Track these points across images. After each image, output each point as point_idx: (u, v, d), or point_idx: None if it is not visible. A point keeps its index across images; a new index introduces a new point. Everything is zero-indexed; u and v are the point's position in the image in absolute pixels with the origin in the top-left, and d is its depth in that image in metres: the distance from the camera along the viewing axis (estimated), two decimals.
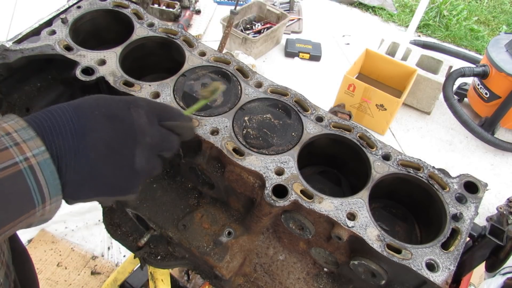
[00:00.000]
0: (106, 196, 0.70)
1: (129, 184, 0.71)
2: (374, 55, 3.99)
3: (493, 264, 0.89)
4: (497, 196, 3.49)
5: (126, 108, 0.70)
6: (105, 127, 0.66)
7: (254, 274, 1.11)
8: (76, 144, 0.63)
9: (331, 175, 1.14)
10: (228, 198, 1.11)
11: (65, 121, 0.63)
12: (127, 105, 0.71)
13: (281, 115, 1.05)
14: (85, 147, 0.64)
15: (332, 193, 0.92)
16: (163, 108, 0.79)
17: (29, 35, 1.16)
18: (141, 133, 0.70)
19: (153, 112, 0.74)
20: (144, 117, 0.71)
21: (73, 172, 0.63)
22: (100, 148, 0.65)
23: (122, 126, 0.68)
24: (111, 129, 0.67)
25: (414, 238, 1.03)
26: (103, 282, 2.46)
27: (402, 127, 4.03)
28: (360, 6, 5.66)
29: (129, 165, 0.69)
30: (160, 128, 0.75)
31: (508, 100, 3.57)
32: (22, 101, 1.13)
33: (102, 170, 0.66)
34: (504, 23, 5.72)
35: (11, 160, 0.56)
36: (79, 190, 0.66)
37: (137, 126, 0.70)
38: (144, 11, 1.22)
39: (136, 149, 0.69)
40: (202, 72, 1.12)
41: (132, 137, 0.69)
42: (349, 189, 1.11)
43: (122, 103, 0.71)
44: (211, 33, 4.78)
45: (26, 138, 0.59)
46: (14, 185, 0.57)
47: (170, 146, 0.77)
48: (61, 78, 1.17)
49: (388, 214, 1.05)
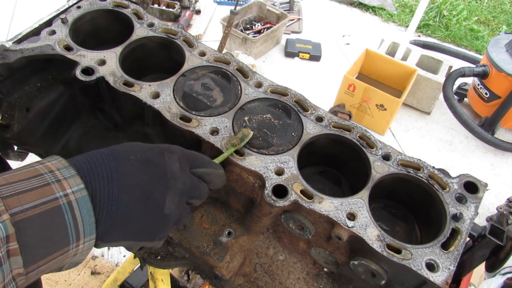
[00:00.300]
0: (135, 240, 0.70)
1: (158, 229, 0.72)
2: (374, 55, 3.99)
3: (493, 264, 0.89)
4: (497, 196, 3.49)
5: (160, 154, 0.73)
6: (139, 171, 0.69)
7: (254, 274, 1.11)
8: (111, 186, 0.65)
9: (331, 175, 1.14)
10: (228, 198, 1.11)
11: (102, 164, 0.66)
12: (161, 151, 0.74)
13: (281, 115, 1.05)
14: (119, 190, 0.66)
15: (332, 193, 0.92)
16: (195, 156, 0.81)
17: (29, 35, 1.16)
18: (173, 179, 0.72)
19: (185, 159, 0.76)
20: (176, 163, 0.73)
21: (106, 213, 0.65)
22: (133, 191, 0.67)
23: (155, 170, 0.70)
24: (145, 173, 0.69)
25: (414, 238, 1.03)
26: (103, 282, 2.46)
27: (402, 127, 4.03)
28: (360, 6, 5.66)
29: (160, 210, 0.70)
30: (191, 176, 0.77)
31: (508, 100, 3.57)
32: (22, 101, 1.13)
33: (133, 213, 0.67)
34: (504, 23, 5.72)
35: (52, 196, 0.59)
36: (110, 232, 0.67)
37: (170, 171, 0.72)
38: (144, 11, 1.22)
39: (167, 194, 0.71)
40: (202, 72, 1.12)
41: (165, 181, 0.71)
42: (349, 189, 1.11)
43: (156, 149, 0.74)
44: (211, 33, 4.78)
45: (67, 176, 0.62)
46: (52, 220, 0.58)
47: (199, 193, 0.79)
48: (61, 78, 1.17)
49: (388, 214, 1.05)
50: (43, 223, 0.58)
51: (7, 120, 1.12)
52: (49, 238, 0.59)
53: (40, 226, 0.57)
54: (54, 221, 0.59)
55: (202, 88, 1.08)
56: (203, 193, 0.80)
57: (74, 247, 0.62)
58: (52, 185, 0.60)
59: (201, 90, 1.08)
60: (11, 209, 0.55)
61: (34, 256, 0.57)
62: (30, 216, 0.56)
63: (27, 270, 0.57)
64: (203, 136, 0.97)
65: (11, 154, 1.20)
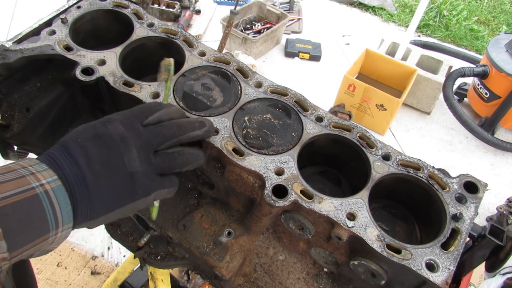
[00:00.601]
0: (118, 207, 0.74)
1: (132, 188, 0.74)
2: (374, 55, 3.99)
3: (493, 264, 0.89)
4: (497, 196, 3.49)
5: (102, 126, 0.76)
6: (90, 148, 0.72)
7: (254, 274, 1.11)
8: (74, 172, 0.69)
9: (331, 175, 1.14)
10: (228, 198, 1.11)
11: (59, 156, 0.71)
12: (102, 123, 0.76)
13: (281, 115, 1.05)
14: (82, 171, 0.70)
15: (332, 193, 0.92)
16: (140, 110, 0.81)
17: (29, 35, 1.16)
18: (122, 140, 0.74)
19: (128, 118, 0.78)
20: (120, 126, 0.76)
21: (80, 197, 0.69)
22: (94, 167, 0.71)
23: (102, 141, 0.74)
24: (95, 148, 0.73)
25: (414, 238, 1.03)
26: (103, 282, 2.47)
27: (402, 127, 4.03)
28: (360, 6, 5.66)
29: (123, 171, 0.73)
30: (145, 128, 0.78)
31: (508, 100, 3.58)
32: (22, 101, 1.13)
33: (102, 185, 0.71)
34: (504, 23, 5.72)
35: (28, 185, 0.63)
36: (91, 210, 0.71)
37: (116, 135, 0.74)
38: (144, 11, 1.22)
39: (124, 155, 0.74)
40: (202, 72, 1.12)
41: (115, 146, 0.74)
42: (349, 189, 1.11)
43: (98, 123, 0.77)
44: (211, 33, 4.78)
45: (39, 170, 0.67)
46: (31, 207, 0.62)
47: (162, 137, 0.78)
48: (61, 78, 1.17)
49: (388, 214, 1.05)
50: (23, 209, 0.61)
51: (7, 120, 1.12)
52: (30, 224, 0.62)
53: (21, 212, 0.61)
54: (33, 208, 0.62)
55: (202, 88, 1.08)
56: (166, 133, 0.79)
57: (53, 235, 0.66)
58: (27, 177, 0.64)
59: (201, 90, 1.08)
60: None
61: (17, 242, 0.60)
62: (11, 203, 0.60)
63: (11, 255, 0.60)
64: None
65: (11, 154, 1.20)
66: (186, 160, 0.82)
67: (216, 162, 1.02)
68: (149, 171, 0.76)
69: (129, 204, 0.75)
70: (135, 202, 0.75)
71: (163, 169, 0.79)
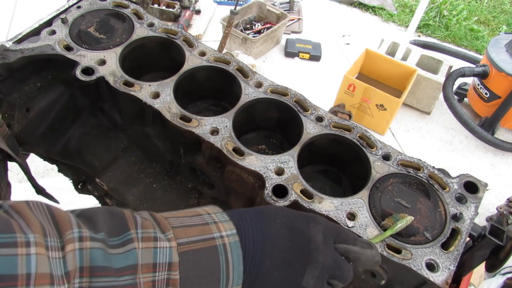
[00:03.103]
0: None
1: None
2: (374, 55, 3.99)
3: (493, 264, 0.89)
4: (497, 196, 3.49)
5: (305, 222, 0.69)
6: (283, 237, 0.66)
7: None
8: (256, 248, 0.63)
9: (331, 174, 1.14)
10: (228, 198, 1.11)
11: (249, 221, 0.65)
12: (306, 219, 0.70)
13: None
14: (263, 253, 0.64)
15: (333, 192, 0.92)
16: (341, 230, 0.74)
17: (29, 35, 1.16)
18: (315, 250, 0.67)
19: (330, 231, 0.71)
20: (320, 234, 0.69)
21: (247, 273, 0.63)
22: (275, 257, 0.65)
23: (299, 238, 0.67)
24: (289, 240, 0.66)
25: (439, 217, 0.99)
26: None
27: (402, 127, 4.03)
28: (360, 6, 5.66)
29: (298, 281, 0.66)
30: (334, 251, 0.70)
31: (508, 100, 3.57)
32: (22, 101, 1.13)
33: (272, 279, 0.64)
34: (504, 23, 5.72)
35: (210, 234, 0.60)
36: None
37: (313, 241, 0.67)
38: (144, 11, 1.22)
39: (308, 266, 0.66)
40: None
41: (307, 251, 0.66)
42: (350, 187, 1.11)
43: (301, 217, 0.71)
44: (211, 33, 4.77)
45: (222, 219, 0.63)
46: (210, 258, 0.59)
47: (342, 274, 0.70)
48: (61, 78, 1.17)
49: (409, 189, 0.99)
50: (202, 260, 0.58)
51: (7, 120, 1.12)
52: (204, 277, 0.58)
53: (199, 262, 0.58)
54: (211, 260, 0.59)
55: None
56: (346, 274, 0.70)
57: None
58: (210, 225, 0.61)
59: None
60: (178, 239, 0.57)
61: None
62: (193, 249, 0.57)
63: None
64: (203, 136, 0.97)
65: (20, 153, 1.20)
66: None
67: (216, 162, 1.02)
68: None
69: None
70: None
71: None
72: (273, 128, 1.18)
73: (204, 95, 1.23)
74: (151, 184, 1.21)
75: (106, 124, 1.28)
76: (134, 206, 1.17)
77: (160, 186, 1.21)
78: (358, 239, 0.74)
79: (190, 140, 1.02)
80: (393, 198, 0.91)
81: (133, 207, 1.18)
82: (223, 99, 1.23)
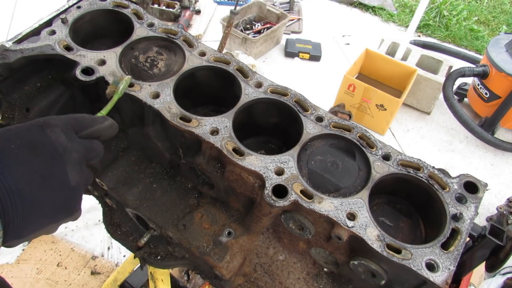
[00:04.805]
0: (52, 223, 0.69)
1: (71, 203, 0.71)
2: (374, 55, 3.99)
3: (493, 264, 0.89)
4: (497, 196, 3.49)
5: (41, 131, 0.69)
6: (29, 157, 0.65)
7: (254, 274, 1.11)
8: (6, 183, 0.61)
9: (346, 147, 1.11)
10: (228, 198, 1.11)
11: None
12: (41, 128, 0.70)
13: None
14: (17, 183, 0.62)
15: (347, 166, 0.91)
16: (76, 119, 0.78)
17: (29, 35, 1.16)
18: (65, 151, 0.70)
19: (68, 127, 0.74)
20: (62, 134, 0.71)
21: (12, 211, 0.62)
22: (33, 179, 0.64)
23: (44, 150, 0.68)
24: (36, 156, 0.66)
25: (419, 234, 1.02)
26: (103, 282, 2.46)
27: (402, 127, 4.03)
28: (360, 6, 5.66)
29: (66, 185, 0.69)
30: (80, 141, 0.75)
31: (508, 100, 3.57)
32: (22, 101, 1.13)
33: (42, 199, 0.65)
34: (504, 23, 5.72)
35: None
36: (25, 226, 0.64)
37: (59, 145, 0.69)
38: (144, 11, 1.22)
39: (67, 168, 0.69)
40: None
41: (58, 157, 0.69)
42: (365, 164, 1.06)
43: (34, 128, 0.70)
44: (211, 33, 4.78)
45: None
46: None
47: (95, 154, 0.79)
48: (61, 78, 1.17)
49: (392, 209, 1.04)
50: None
51: (7, 120, 1.12)
52: None
53: None
54: None
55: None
56: (98, 150, 0.80)
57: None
58: None
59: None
60: None
61: None
62: None
63: None
64: (203, 136, 0.97)
65: None
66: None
67: (216, 162, 1.02)
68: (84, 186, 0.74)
69: (64, 220, 0.71)
70: (70, 217, 0.72)
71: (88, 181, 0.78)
72: (272, 130, 1.18)
73: (204, 97, 1.23)
74: (151, 184, 1.21)
75: None
76: (134, 206, 1.17)
77: (160, 186, 1.21)
78: (94, 118, 0.82)
79: (190, 140, 1.02)
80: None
81: (133, 207, 1.18)
82: (223, 103, 1.23)
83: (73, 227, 2.83)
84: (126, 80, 0.99)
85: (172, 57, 1.12)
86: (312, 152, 0.98)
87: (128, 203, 1.18)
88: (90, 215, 2.86)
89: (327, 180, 0.93)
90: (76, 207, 0.73)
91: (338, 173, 0.95)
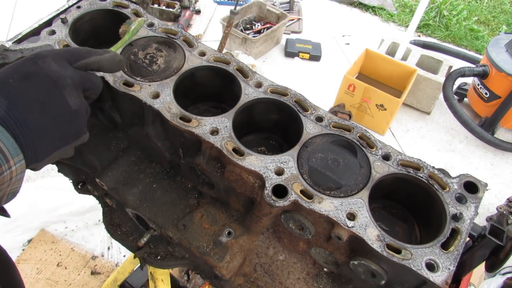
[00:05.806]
0: (64, 145, 0.75)
1: (76, 126, 0.76)
2: (374, 55, 3.99)
3: (493, 264, 0.89)
4: (497, 196, 3.49)
5: (34, 63, 0.73)
6: (26, 88, 0.70)
7: (254, 274, 1.11)
8: (12, 114, 0.67)
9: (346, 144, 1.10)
10: (228, 198, 1.11)
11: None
12: (33, 61, 0.73)
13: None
14: (21, 113, 0.68)
15: (348, 163, 0.92)
16: (69, 50, 0.80)
17: (29, 35, 1.16)
18: (58, 78, 0.73)
19: (59, 57, 0.77)
20: (53, 63, 0.74)
21: (23, 138, 0.67)
22: (34, 108, 0.69)
23: (39, 80, 0.72)
24: (32, 87, 0.71)
25: (414, 238, 1.02)
26: (103, 282, 2.46)
27: (402, 127, 4.03)
28: (360, 6, 5.66)
29: (67, 109, 0.74)
30: (74, 70, 0.78)
31: (508, 100, 3.57)
32: None
33: (46, 124, 0.71)
34: (504, 23, 5.72)
35: None
36: (38, 150, 0.70)
37: (52, 73, 0.73)
38: (144, 11, 1.22)
39: (64, 93, 0.73)
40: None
41: (53, 84, 0.73)
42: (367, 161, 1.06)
43: (28, 61, 0.73)
44: (211, 33, 4.78)
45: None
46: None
47: (91, 84, 0.80)
48: None
49: (388, 214, 1.05)
50: None
51: None
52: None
53: None
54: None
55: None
56: (94, 81, 0.81)
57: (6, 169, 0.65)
58: None
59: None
60: None
61: None
62: None
63: None
64: (203, 136, 0.97)
65: None
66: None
67: (216, 162, 1.02)
68: (85, 111, 0.78)
69: (74, 142, 0.76)
70: (79, 139, 0.77)
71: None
72: (272, 129, 1.19)
73: (204, 96, 1.23)
74: (151, 184, 1.21)
75: (106, 124, 1.28)
76: (134, 206, 1.17)
77: (160, 186, 1.21)
78: (90, 50, 0.82)
79: (190, 140, 1.02)
80: None
81: (133, 207, 1.18)
82: (223, 100, 1.23)
83: (73, 227, 2.83)
84: (139, 21, 1.01)
85: (171, 53, 1.12)
86: (313, 149, 0.98)
87: (128, 203, 1.18)
88: (90, 215, 2.86)
89: (328, 177, 0.93)
90: (82, 129, 0.78)
91: (339, 170, 0.95)
